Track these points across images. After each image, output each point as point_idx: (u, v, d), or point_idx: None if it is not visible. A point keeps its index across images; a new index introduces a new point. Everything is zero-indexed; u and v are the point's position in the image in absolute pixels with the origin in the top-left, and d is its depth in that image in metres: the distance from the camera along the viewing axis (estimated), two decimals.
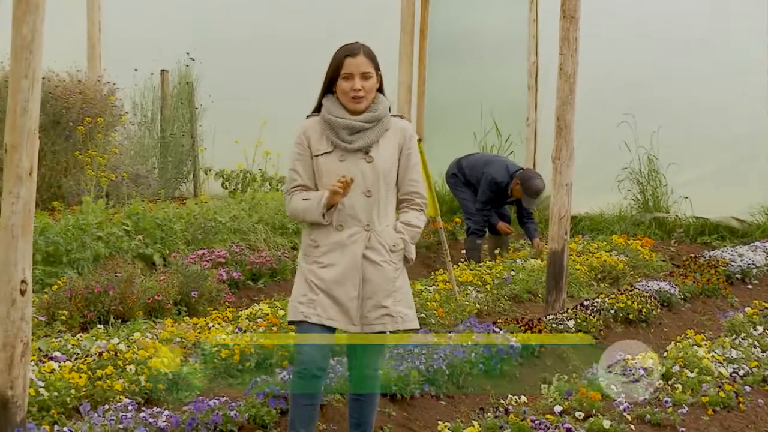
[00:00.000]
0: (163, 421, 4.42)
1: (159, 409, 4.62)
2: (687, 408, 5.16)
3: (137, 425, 4.34)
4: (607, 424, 4.80)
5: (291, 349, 5.44)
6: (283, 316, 6.23)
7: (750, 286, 8.96)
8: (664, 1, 11.39)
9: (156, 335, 5.80)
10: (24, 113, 3.98)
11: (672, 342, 6.51)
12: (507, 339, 6.02)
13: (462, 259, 9.37)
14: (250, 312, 6.54)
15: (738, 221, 10.91)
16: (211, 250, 8.16)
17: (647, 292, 7.72)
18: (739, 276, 9.00)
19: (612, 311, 7.19)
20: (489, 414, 4.93)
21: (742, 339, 6.60)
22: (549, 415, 4.94)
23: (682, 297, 8.10)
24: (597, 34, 10.12)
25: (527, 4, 11.83)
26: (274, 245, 8.72)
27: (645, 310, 7.38)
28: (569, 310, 6.97)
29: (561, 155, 7.17)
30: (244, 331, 5.96)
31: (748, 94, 10.83)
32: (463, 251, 9.72)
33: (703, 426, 5.10)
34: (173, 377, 5.15)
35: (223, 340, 5.72)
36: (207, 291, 7.16)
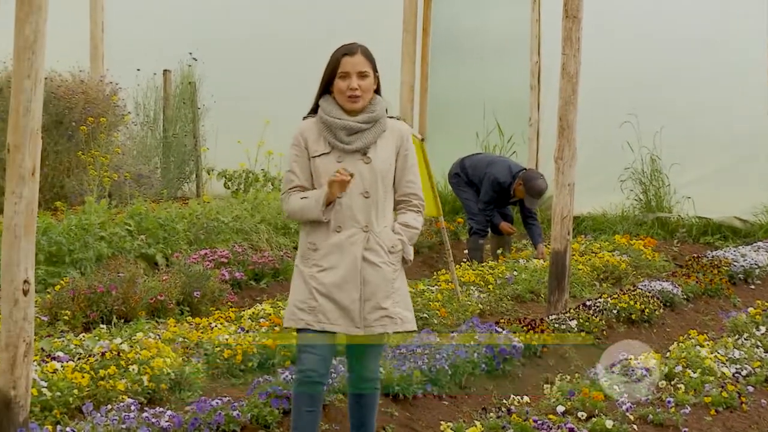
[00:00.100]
0: (165, 421, 4.42)
1: (162, 409, 4.62)
2: (690, 408, 5.16)
3: (140, 425, 4.35)
4: (609, 424, 4.80)
5: (293, 350, 5.44)
6: None
7: (753, 287, 8.95)
8: (666, 1, 11.38)
9: (159, 335, 5.81)
10: (27, 113, 3.98)
11: (675, 342, 6.50)
12: (509, 339, 6.01)
13: (464, 259, 9.36)
14: (253, 312, 6.55)
15: (741, 221, 10.90)
16: (213, 250, 8.17)
17: (650, 293, 7.71)
18: (741, 276, 8.99)
19: (614, 311, 7.19)
20: (491, 414, 4.93)
21: (745, 339, 6.59)
22: (551, 416, 4.94)
23: (685, 297, 8.09)
24: (600, 34, 10.10)
25: (530, 3, 11.82)
26: (277, 245, 8.72)
27: (648, 310, 7.38)
28: (572, 310, 6.96)
29: (563, 155, 7.17)
30: (247, 331, 5.96)
31: (751, 94, 10.82)
32: (466, 251, 9.71)
33: (705, 426, 5.09)
34: (176, 377, 5.15)
35: (226, 340, 5.73)
36: (209, 291, 7.16)
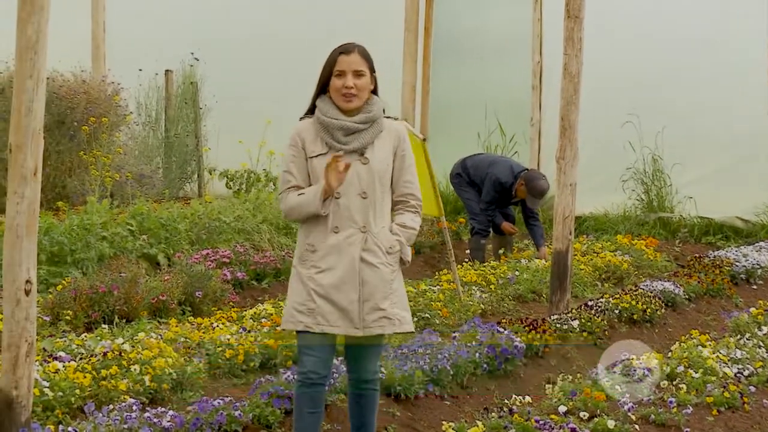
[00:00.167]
0: (167, 421, 4.42)
1: (163, 409, 4.62)
2: (691, 408, 5.15)
3: (142, 425, 4.35)
4: (611, 424, 4.80)
5: (295, 350, 5.43)
6: None
7: (755, 287, 8.94)
8: (667, 1, 11.38)
9: (160, 335, 5.81)
10: (29, 113, 3.99)
11: (676, 342, 6.50)
12: (511, 339, 6.01)
13: (466, 259, 9.36)
14: (255, 312, 6.55)
15: (742, 221, 10.89)
16: (215, 250, 8.17)
17: (652, 292, 7.71)
18: (743, 276, 8.98)
19: (616, 311, 7.18)
20: (493, 414, 4.93)
21: (747, 339, 6.59)
22: (553, 415, 4.93)
23: (687, 297, 8.09)
24: (601, 33, 10.10)
25: (531, 3, 11.82)
26: (278, 245, 8.72)
27: (649, 310, 7.37)
28: (573, 310, 6.96)
29: (565, 155, 7.17)
30: (249, 331, 5.97)
31: (752, 94, 10.80)
32: (467, 251, 9.71)
33: (707, 426, 5.09)
34: (177, 377, 5.16)
35: (228, 340, 5.73)
36: (211, 291, 7.17)
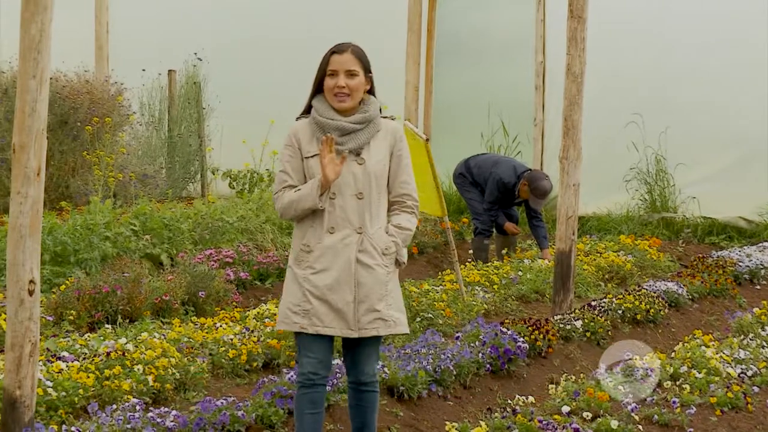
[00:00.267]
0: (170, 421, 4.43)
1: (167, 409, 4.62)
2: (695, 408, 5.15)
3: (145, 425, 4.35)
4: (614, 424, 4.79)
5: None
6: None
7: (758, 287, 8.92)
8: (672, 1, 11.36)
9: (164, 335, 5.82)
10: (32, 113, 3.99)
11: (680, 342, 6.50)
12: (514, 339, 6.01)
13: (469, 259, 9.36)
14: (258, 312, 6.55)
15: (746, 221, 10.87)
16: (218, 250, 8.17)
17: (655, 293, 7.69)
18: (747, 276, 8.97)
19: (619, 311, 7.18)
20: (496, 414, 4.93)
21: (751, 339, 6.59)
22: (557, 416, 4.93)
23: (690, 297, 8.08)
24: (604, 33, 10.09)
25: (534, 4, 11.80)
26: (282, 245, 8.72)
27: (653, 310, 7.37)
28: (577, 311, 6.96)
29: (568, 155, 7.16)
30: (252, 331, 5.97)
31: (756, 94, 10.79)
32: (471, 251, 9.71)
33: (711, 427, 5.09)
34: (181, 377, 5.16)
35: (231, 340, 5.73)
36: (214, 291, 7.16)
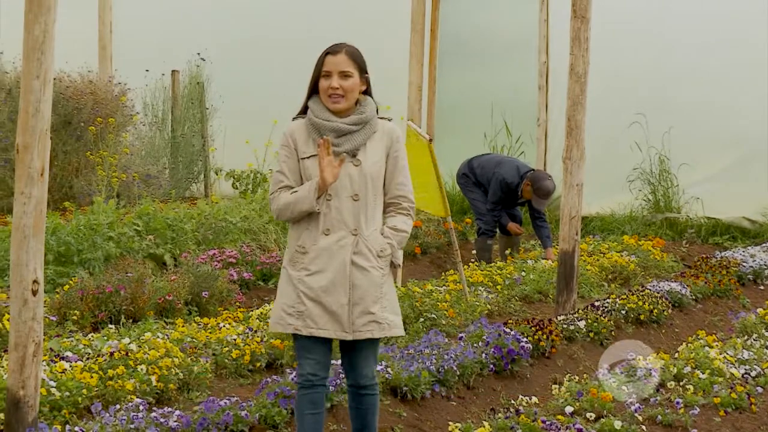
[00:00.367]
0: (174, 421, 4.43)
1: (170, 409, 4.62)
2: (698, 409, 5.14)
3: (148, 425, 4.35)
4: (618, 425, 4.78)
5: None
6: None
7: (762, 287, 8.92)
8: (674, 1, 11.35)
9: (167, 335, 5.82)
10: (36, 114, 4.00)
11: (683, 343, 6.49)
12: (517, 340, 6.01)
13: (472, 260, 9.35)
14: (261, 312, 6.55)
15: (749, 222, 10.87)
16: (221, 251, 8.18)
17: (658, 293, 7.69)
18: (750, 277, 8.97)
19: (623, 312, 7.17)
20: (500, 415, 4.92)
21: (754, 340, 6.57)
22: (560, 416, 4.93)
23: (694, 298, 8.07)
24: (608, 33, 10.08)
25: (538, 4, 11.81)
26: (285, 245, 8.70)
27: (656, 310, 7.36)
28: (580, 311, 6.95)
29: (572, 155, 7.16)
30: (255, 331, 5.97)
31: (759, 94, 10.78)
32: (474, 251, 9.71)
33: (714, 427, 5.08)
34: (184, 377, 5.16)
35: (234, 340, 5.73)
36: (218, 291, 7.17)
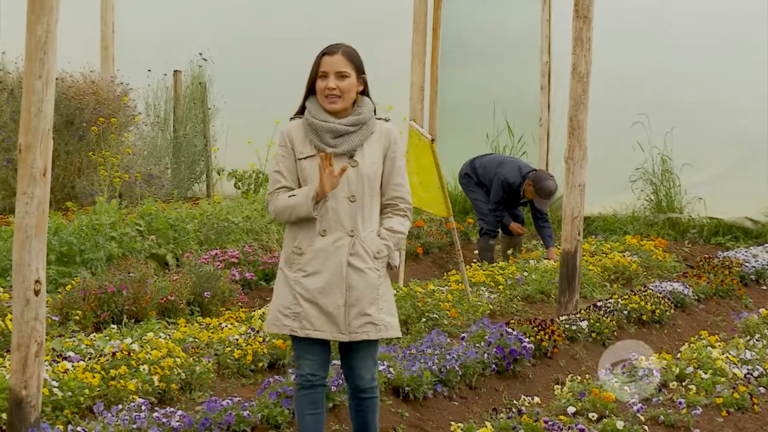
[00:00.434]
0: (176, 421, 4.43)
1: (172, 409, 4.63)
2: (701, 409, 5.14)
3: (151, 425, 4.36)
4: (620, 425, 4.78)
5: None
6: None
7: (764, 287, 8.91)
8: (677, 1, 11.34)
9: (169, 335, 5.82)
10: (38, 114, 4.00)
11: (686, 343, 6.49)
12: (520, 340, 6.01)
13: (475, 260, 9.35)
14: (263, 312, 6.55)
15: (752, 222, 10.86)
16: (223, 251, 8.18)
17: (661, 293, 7.68)
18: (753, 277, 8.96)
19: (625, 312, 7.17)
20: (502, 415, 4.92)
21: (757, 340, 6.57)
22: (562, 416, 4.93)
23: (696, 298, 8.07)
24: (610, 33, 10.07)
25: (540, 3, 11.80)
26: None
27: (658, 311, 7.36)
28: (582, 311, 6.95)
29: (574, 155, 7.15)
30: (257, 331, 5.97)
31: (762, 94, 10.77)
32: (476, 252, 9.70)
33: (717, 427, 5.08)
34: (186, 377, 5.16)
35: (236, 340, 5.73)
36: (220, 291, 7.17)
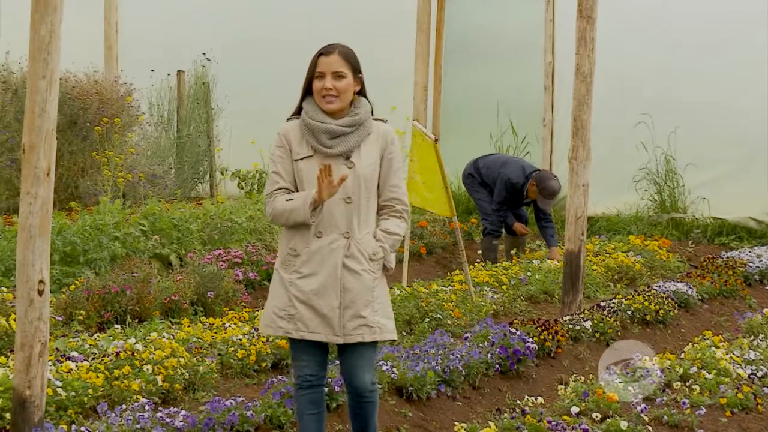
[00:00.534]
0: (179, 421, 4.43)
1: (176, 409, 4.63)
2: (705, 409, 5.13)
3: (154, 425, 4.36)
4: (624, 425, 4.78)
5: None
6: None
7: None
8: (678, 1, 11.32)
9: (173, 335, 5.82)
10: (42, 114, 4.00)
11: (689, 343, 6.48)
12: (523, 340, 6.01)
13: (478, 260, 9.35)
14: None
15: (756, 222, 10.84)
16: (227, 251, 8.18)
17: (664, 293, 7.68)
18: (757, 277, 8.95)
19: (629, 312, 7.16)
20: (505, 415, 4.92)
21: (761, 340, 6.56)
22: (566, 417, 4.92)
23: (700, 298, 8.06)
24: (613, 34, 10.07)
25: (543, 3, 11.79)
26: None
27: (662, 311, 7.35)
28: (586, 311, 6.94)
29: (578, 156, 7.15)
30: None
31: (764, 93, 10.74)
32: (480, 252, 9.70)
33: (721, 428, 5.07)
34: (190, 377, 5.16)
35: (240, 340, 5.74)
36: (223, 291, 7.17)
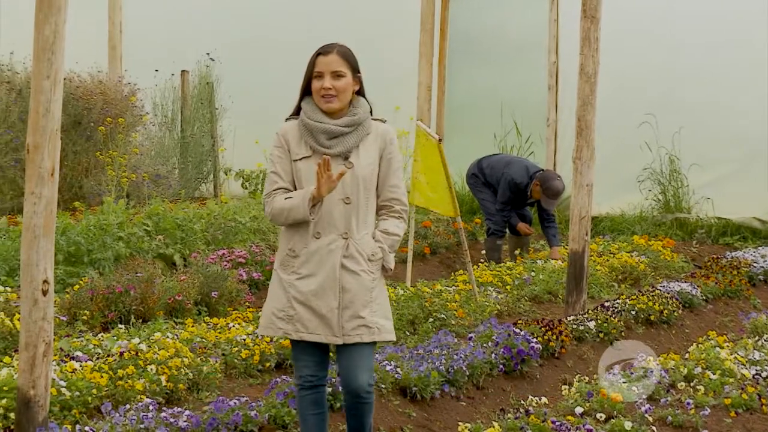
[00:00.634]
0: (183, 421, 4.43)
1: (180, 409, 4.63)
2: (709, 410, 5.12)
3: (158, 425, 4.36)
4: (628, 425, 4.77)
5: None
6: None
7: None
8: (684, 1, 11.31)
9: (177, 335, 5.82)
10: (46, 114, 4.00)
11: (694, 343, 6.47)
12: (527, 340, 6.00)
13: (482, 260, 9.34)
14: None
15: (760, 222, 10.83)
16: (231, 251, 8.18)
17: (668, 293, 7.67)
18: (761, 277, 8.93)
19: (633, 312, 7.15)
20: (509, 415, 4.91)
21: (765, 341, 6.55)
22: (570, 417, 4.92)
23: (704, 298, 8.05)
24: (617, 34, 10.06)
25: (548, 3, 11.79)
26: None
27: (666, 311, 7.34)
28: (590, 311, 6.94)
29: (582, 156, 7.14)
30: None
31: (764, 93, 10.72)
32: (483, 252, 9.70)
33: (725, 428, 5.06)
34: (194, 377, 5.17)
35: (243, 340, 5.74)
36: (227, 291, 7.18)
